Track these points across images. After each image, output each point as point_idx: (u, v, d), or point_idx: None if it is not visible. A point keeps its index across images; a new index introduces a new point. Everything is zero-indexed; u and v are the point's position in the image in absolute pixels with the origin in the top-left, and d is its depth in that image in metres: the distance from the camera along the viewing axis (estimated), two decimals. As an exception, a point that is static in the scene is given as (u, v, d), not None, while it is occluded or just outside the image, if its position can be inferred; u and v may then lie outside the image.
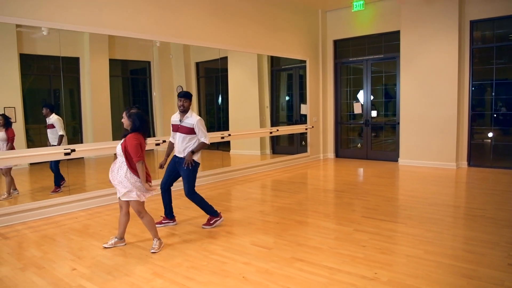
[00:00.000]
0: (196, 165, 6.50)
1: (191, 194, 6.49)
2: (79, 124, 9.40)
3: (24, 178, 8.87)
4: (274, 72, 14.17)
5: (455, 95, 11.55)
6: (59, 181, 8.51)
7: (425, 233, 5.98)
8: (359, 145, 14.36)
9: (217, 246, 5.64)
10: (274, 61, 14.03)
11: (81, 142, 9.20)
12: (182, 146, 6.48)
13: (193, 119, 6.42)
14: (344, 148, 14.88)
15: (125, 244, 5.82)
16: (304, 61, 13.86)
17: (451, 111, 11.64)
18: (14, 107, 7.96)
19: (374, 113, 14.01)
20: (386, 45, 13.38)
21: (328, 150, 14.92)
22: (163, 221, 6.74)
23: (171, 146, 6.77)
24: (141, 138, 5.44)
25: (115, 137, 9.31)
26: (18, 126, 7.97)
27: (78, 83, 9.37)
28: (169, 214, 6.78)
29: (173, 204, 6.79)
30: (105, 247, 5.71)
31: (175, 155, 6.61)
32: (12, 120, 7.79)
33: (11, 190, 8.01)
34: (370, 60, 13.67)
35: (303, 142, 14.38)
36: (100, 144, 8.41)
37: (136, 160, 5.30)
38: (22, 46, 8.23)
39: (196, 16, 10.07)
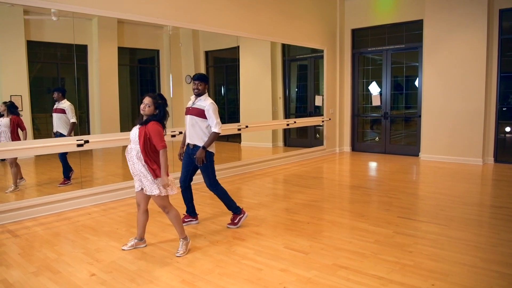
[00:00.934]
0: (210, 155, 5.96)
1: (214, 186, 5.99)
2: (87, 113, 9.02)
3: (30, 169, 8.47)
4: (287, 62, 13.64)
5: (483, 87, 11.02)
6: (68, 172, 8.11)
7: (472, 237, 5.49)
8: (377, 138, 13.85)
9: (247, 250, 5.14)
10: (288, 51, 13.52)
11: (88, 133, 8.80)
12: (192, 130, 5.93)
13: (205, 102, 5.88)
14: (360, 141, 14.37)
15: (145, 245, 5.33)
16: (318, 51, 13.36)
17: (478, 104, 11.11)
18: (21, 95, 7.66)
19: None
20: (408, 35, 12.83)
21: (344, 143, 14.41)
22: (185, 220, 6.24)
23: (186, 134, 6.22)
24: (162, 127, 4.95)
25: (123, 128, 9.05)
26: (25, 115, 7.61)
27: (86, 72, 9.03)
28: (192, 212, 6.30)
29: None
30: (124, 250, 5.21)
31: (187, 146, 6.08)
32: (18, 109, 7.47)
33: (18, 180, 7.62)
34: (390, 50, 13.13)
35: (317, 135, 13.92)
36: (115, 135, 7.97)
37: (161, 147, 4.79)
38: (29, 32, 7.89)
39: (210, 0, 9.58)
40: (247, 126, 10.41)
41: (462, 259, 4.74)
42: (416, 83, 12.88)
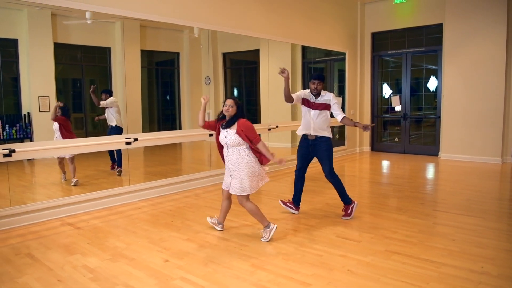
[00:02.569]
0: (331, 143, 6.53)
1: (333, 174, 6.48)
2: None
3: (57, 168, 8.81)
4: (306, 64, 13.99)
5: (502, 88, 11.44)
6: (120, 161, 8.72)
7: (509, 228, 5.91)
8: (397, 138, 14.25)
9: (302, 239, 5.55)
10: (307, 54, 13.85)
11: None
12: (318, 123, 6.40)
13: (329, 96, 6.43)
14: (379, 142, 14.79)
15: (222, 230, 5.97)
16: (337, 54, 13.81)
17: (497, 104, 11.53)
18: (49, 96, 7.92)
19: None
20: (428, 38, 13.25)
21: (364, 143, 14.85)
22: (288, 204, 6.82)
23: None
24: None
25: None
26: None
27: (109, 74, 9.34)
28: (297, 202, 6.81)
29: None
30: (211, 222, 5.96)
31: (304, 138, 6.55)
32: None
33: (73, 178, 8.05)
34: (410, 53, 13.53)
35: (337, 135, 14.29)
36: (162, 134, 8.60)
37: (258, 140, 5.40)
38: (56, 35, 8.14)
39: (236, 3, 9.92)
40: (277, 126, 10.79)
41: (504, 246, 5.17)
42: (429, 85, 13.32)
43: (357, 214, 6.69)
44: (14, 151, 6.20)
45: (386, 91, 14.28)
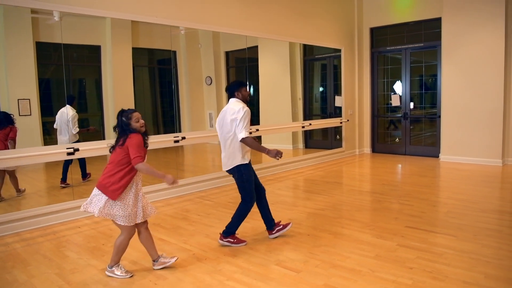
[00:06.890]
0: None
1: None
2: (101, 117, 8.82)
3: (33, 176, 8.30)
4: (307, 62, 13.34)
5: (501, 86, 10.69)
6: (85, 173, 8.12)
7: (481, 249, 5.11)
8: (397, 139, 13.48)
9: (235, 268, 4.80)
10: (307, 51, 13.23)
11: (103, 137, 8.56)
12: None
13: None
14: (380, 142, 14.01)
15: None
16: (339, 50, 13.06)
17: (497, 103, 10.77)
18: (29, 99, 7.40)
19: (411, 105, 13.23)
20: (427, 33, 12.48)
21: (364, 144, 14.10)
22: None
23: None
24: None
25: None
26: (34, 120, 7.40)
27: (99, 73, 8.84)
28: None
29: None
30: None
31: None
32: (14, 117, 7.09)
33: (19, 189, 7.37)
34: (409, 49, 12.76)
35: (338, 136, 13.58)
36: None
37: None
38: (38, 33, 7.65)
39: (224, 0, 9.36)
40: (257, 130, 10.15)
41: (465, 276, 4.36)
42: (432, 82, 12.53)
43: (316, 233, 5.94)
44: None
45: (397, 88, 13.46)
